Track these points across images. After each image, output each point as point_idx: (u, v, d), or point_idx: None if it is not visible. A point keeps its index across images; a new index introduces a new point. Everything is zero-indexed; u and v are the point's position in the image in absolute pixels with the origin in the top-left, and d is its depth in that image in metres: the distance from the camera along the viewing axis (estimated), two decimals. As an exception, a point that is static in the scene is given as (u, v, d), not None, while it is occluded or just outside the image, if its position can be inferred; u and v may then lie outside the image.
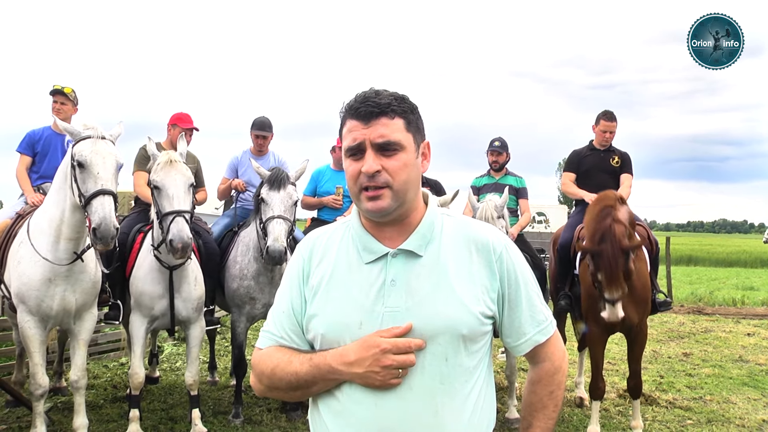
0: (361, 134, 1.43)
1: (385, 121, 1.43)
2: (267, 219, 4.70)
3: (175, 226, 4.00)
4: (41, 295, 4.01)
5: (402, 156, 1.44)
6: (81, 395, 4.28)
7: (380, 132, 1.42)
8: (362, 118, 1.44)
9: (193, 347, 4.72)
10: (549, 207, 23.53)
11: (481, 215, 4.84)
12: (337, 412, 1.45)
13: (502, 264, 1.50)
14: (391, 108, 1.44)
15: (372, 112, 1.43)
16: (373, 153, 1.42)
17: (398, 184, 1.43)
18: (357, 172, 1.43)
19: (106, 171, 3.77)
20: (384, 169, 1.42)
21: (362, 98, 1.46)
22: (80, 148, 3.80)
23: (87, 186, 3.74)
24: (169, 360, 7.20)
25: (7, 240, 4.43)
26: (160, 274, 4.46)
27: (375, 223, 1.51)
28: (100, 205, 3.67)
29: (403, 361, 1.37)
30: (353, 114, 1.45)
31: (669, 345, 8.51)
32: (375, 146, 1.42)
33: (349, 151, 1.46)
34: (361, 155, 1.43)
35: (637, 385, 4.75)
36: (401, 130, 1.45)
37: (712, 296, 13.98)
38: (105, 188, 3.72)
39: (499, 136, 6.07)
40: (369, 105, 1.44)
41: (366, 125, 1.43)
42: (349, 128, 1.46)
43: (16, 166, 5.15)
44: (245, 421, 5.02)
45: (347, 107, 1.48)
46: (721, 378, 6.62)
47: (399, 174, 1.43)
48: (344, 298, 1.46)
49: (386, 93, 1.48)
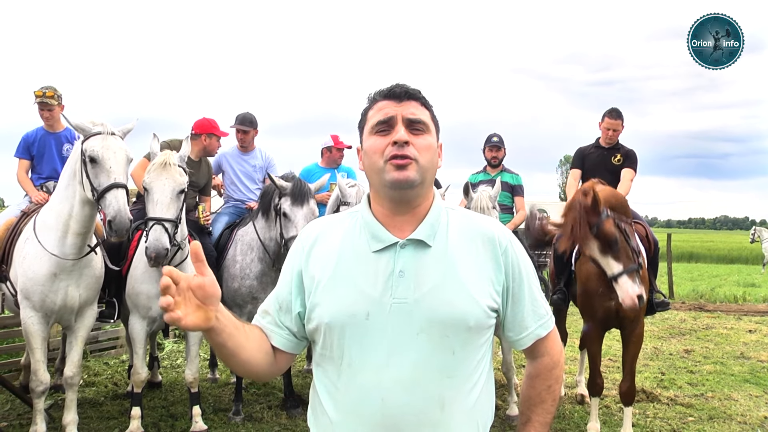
0: (393, 110, 1.48)
1: (416, 105, 1.51)
2: (290, 238, 4.61)
3: (152, 234, 3.97)
4: (46, 290, 4.04)
5: (428, 137, 1.50)
6: (74, 392, 4.29)
7: (412, 110, 1.49)
8: (396, 97, 1.50)
9: (193, 345, 4.72)
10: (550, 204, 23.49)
11: (476, 205, 4.81)
12: (343, 407, 1.44)
13: (507, 258, 1.51)
14: (421, 96, 1.53)
15: (406, 92, 1.51)
16: (404, 127, 1.46)
17: (424, 161, 1.46)
18: (384, 144, 1.46)
19: (118, 165, 3.87)
20: (412, 144, 1.45)
21: (394, 84, 1.53)
22: (92, 144, 3.87)
23: (100, 180, 3.82)
24: (169, 357, 7.20)
25: (12, 237, 4.46)
26: (157, 273, 4.43)
27: (386, 211, 1.50)
28: (114, 198, 3.77)
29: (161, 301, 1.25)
30: (385, 95, 1.51)
31: (670, 342, 8.50)
32: (406, 121, 1.47)
33: (378, 125, 1.48)
34: (390, 130, 1.47)
35: (630, 390, 4.48)
36: (428, 117, 1.52)
37: (714, 293, 13.96)
38: (118, 182, 3.81)
39: (495, 132, 6.06)
40: (403, 88, 1.52)
41: (399, 103, 1.49)
42: (379, 107, 1.51)
43: (17, 171, 5.22)
44: (245, 418, 5.01)
45: (377, 93, 1.54)
46: (722, 375, 6.60)
47: (425, 152, 1.47)
48: (350, 287, 1.45)
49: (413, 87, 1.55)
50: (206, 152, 5.45)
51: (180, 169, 4.19)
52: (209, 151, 5.47)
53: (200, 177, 5.37)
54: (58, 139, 5.25)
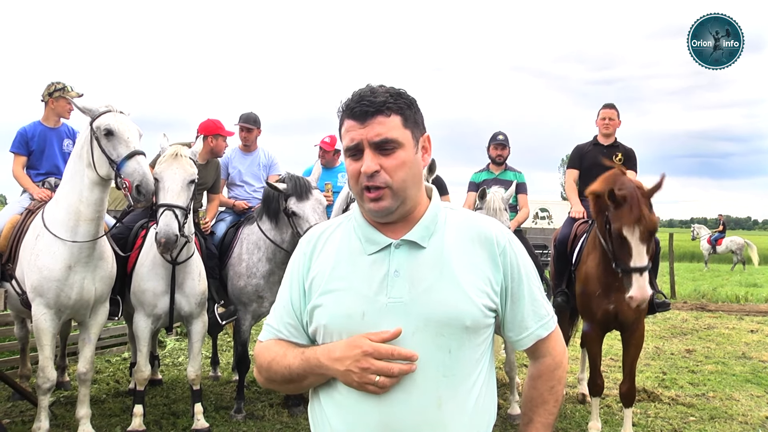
0: (358, 134, 1.43)
1: (381, 120, 1.43)
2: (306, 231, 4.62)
3: (162, 220, 3.99)
4: (61, 286, 4.04)
5: (400, 154, 1.43)
6: (87, 387, 4.33)
7: (377, 131, 1.42)
8: (358, 117, 1.43)
9: (196, 342, 4.73)
10: (552, 203, 23.50)
11: (489, 206, 4.83)
12: (340, 405, 1.45)
13: (506, 257, 1.50)
14: (387, 106, 1.43)
15: (367, 111, 1.43)
16: (371, 152, 1.42)
17: (397, 183, 1.43)
18: (357, 172, 1.44)
19: (134, 137, 3.95)
20: (383, 168, 1.42)
21: (358, 97, 1.45)
22: (105, 120, 3.95)
23: (119, 151, 3.90)
24: (171, 355, 7.22)
25: (18, 236, 4.43)
26: (164, 270, 4.45)
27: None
28: (137, 163, 3.85)
29: (380, 368, 1.35)
30: (349, 114, 1.46)
31: (672, 342, 8.49)
32: (372, 145, 1.42)
33: (347, 152, 1.46)
34: (360, 155, 1.44)
35: (630, 391, 4.46)
36: (398, 127, 1.44)
37: (716, 293, 13.94)
38: (138, 149, 3.90)
39: (501, 131, 6.05)
40: (364, 104, 1.43)
41: (362, 125, 1.43)
42: (346, 128, 1.46)
43: (12, 167, 5.04)
44: (247, 416, 5.02)
45: (344, 107, 1.48)
46: (724, 375, 6.60)
47: (397, 173, 1.43)
48: (346, 289, 1.46)
49: (382, 90, 1.47)
50: (213, 153, 5.45)
51: (190, 161, 4.26)
52: (216, 152, 5.47)
53: (207, 177, 5.38)
54: (59, 135, 5.18)
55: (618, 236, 3.88)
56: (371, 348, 1.36)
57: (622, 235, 3.84)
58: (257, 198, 5.90)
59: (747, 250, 23.14)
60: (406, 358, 1.37)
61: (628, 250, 3.84)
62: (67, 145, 5.15)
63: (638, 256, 3.81)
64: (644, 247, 3.82)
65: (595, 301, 4.43)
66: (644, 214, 3.79)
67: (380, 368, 1.35)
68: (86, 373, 4.31)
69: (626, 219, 3.81)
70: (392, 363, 1.36)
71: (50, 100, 5.04)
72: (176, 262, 4.41)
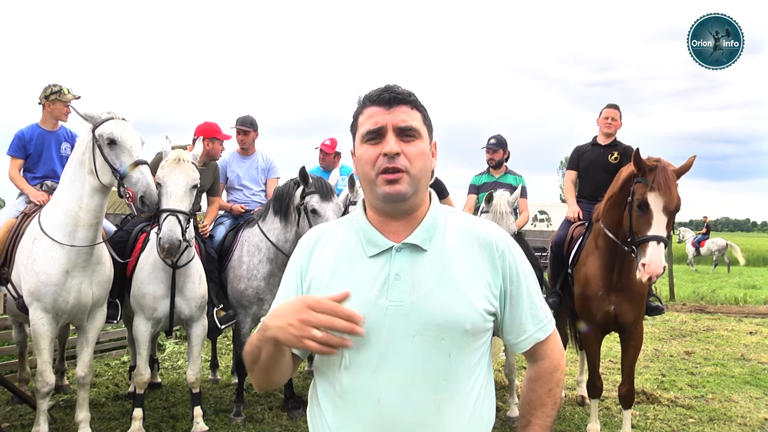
0: (383, 118, 1.46)
1: (406, 109, 1.48)
2: None
3: (166, 225, 4.01)
4: (58, 290, 4.04)
5: (420, 144, 1.47)
6: (86, 390, 4.33)
7: (402, 117, 1.47)
8: (385, 103, 1.47)
9: (195, 345, 4.73)
10: (551, 205, 23.46)
11: (495, 210, 4.84)
12: (339, 407, 1.45)
13: (505, 261, 1.51)
14: (412, 99, 1.50)
15: (395, 98, 1.48)
16: (395, 137, 1.45)
17: (415, 170, 1.45)
18: (376, 155, 1.45)
19: (137, 145, 3.96)
20: (403, 153, 1.44)
21: (383, 88, 1.50)
22: (108, 128, 3.95)
23: (122, 160, 3.91)
24: (170, 358, 7.22)
25: (13, 239, 4.42)
26: (164, 273, 4.46)
27: (381, 217, 1.52)
28: (140, 174, 3.87)
29: (320, 320, 1.27)
30: (375, 101, 1.49)
31: (671, 343, 8.50)
32: (396, 130, 1.45)
33: (368, 135, 1.47)
34: (380, 139, 1.45)
35: (629, 393, 4.46)
36: (419, 120, 1.50)
37: (715, 295, 13.95)
38: (141, 159, 3.91)
39: (497, 134, 6.04)
40: (392, 92, 1.48)
41: (388, 110, 1.47)
42: (368, 114, 1.48)
43: (9, 170, 5.00)
44: (246, 419, 5.03)
45: (366, 97, 1.52)
46: (723, 377, 6.61)
47: (417, 160, 1.46)
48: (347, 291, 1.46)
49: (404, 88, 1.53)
50: (210, 156, 5.47)
51: (192, 165, 4.28)
52: (212, 155, 5.49)
53: (204, 180, 5.39)
54: (57, 138, 5.15)
55: (641, 205, 3.82)
56: (313, 300, 1.31)
57: (646, 202, 3.79)
58: (256, 201, 5.91)
59: (731, 251, 23.56)
60: (350, 317, 1.29)
61: (649, 219, 3.77)
62: (65, 149, 5.13)
63: (658, 226, 3.74)
64: (665, 220, 3.76)
65: (595, 303, 4.43)
66: (671, 186, 3.78)
67: (320, 321, 1.28)
68: (85, 377, 4.31)
69: (653, 186, 3.78)
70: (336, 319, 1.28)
71: (47, 103, 5.01)
72: (176, 266, 4.42)
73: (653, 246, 3.73)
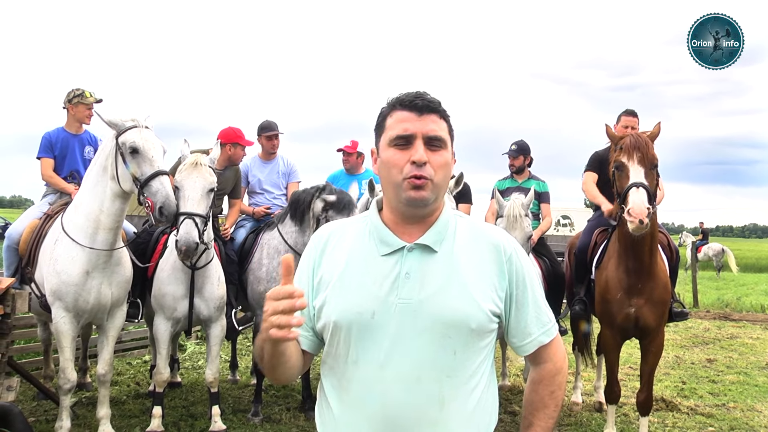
0: (413, 126, 1.50)
1: (435, 119, 1.53)
2: None
3: (183, 228, 4.08)
4: (79, 290, 4.14)
5: (444, 154, 1.53)
6: (106, 388, 4.43)
7: (431, 127, 1.51)
8: (417, 109, 1.51)
9: (214, 345, 4.80)
10: (574, 210, 23.27)
11: (509, 213, 4.84)
12: (346, 403, 1.50)
13: (512, 265, 1.56)
14: (441, 108, 1.55)
15: (427, 106, 1.52)
16: (423, 145, 1.49)
17: (438, 179, 1.50)
18: (404, 161, 1.49)
19: (159, 155, 4.04)
20: (429, 163, 1.48)
21: (415, 94, 1.54)
22: (131, 137, 4.02)
23: (143, 170, 3.98)
24: (191, 359, 7.32)
25: (37, 240, 4.54)
26: (183, 274, 4.54)
27: (397, 219, 1.56)
28: (160, 184, 3.94)
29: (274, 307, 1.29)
30: (407, 105, 1.52)
31: (693, 351, 8.38)
32: (425, 138, 1.50)
33: (397, 140, 1.51)
34: (409, 145, 1.49)
35: (647, 399, 4.46)
36: (445, 130, 1.55)
37: (740, 302, 13.70)
38: (162, 169, 3.98)
39: (520, 140, 6.03)
40: (424, 100, 1.52)
41: (419, 117, 1.51)
42: (399, 118, 1.52)
43: (42, 171, 5.11)
44: (264, 419, 5.08)
45: (397, 100, 1.55)
46: (746, 385, 6.50)
47: (441, 170, 1.51)
48: (358, 287, 1.51)
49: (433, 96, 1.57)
50: (231, 161, 5.54)
51: (210, 169, 4.36)
52: (234, 160, 5.56)
53: (226, 183, 5.47)
54: (81, 142, 5.27)
55: (618, 166, 4.11)
56: (272, 291, 1.32)
57: (620, 162, 4.08)
58: (277, 205, 5.96)
59: (725, 257, 23.68)
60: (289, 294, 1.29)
61: (626, 173, 4.01)
62: (88, 152, 5.25)
63: (635, 175, 3.96)
64: (642, 170, 3.98)
65: (615, 305, 4.41)
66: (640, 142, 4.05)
67: (274, 308, 1.29)
68: (105, 375, 4.40)
69: (622, 147, 4.11)
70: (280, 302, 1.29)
71: (70, 107, 5.14)
72: (195, 267, 4.50)
73: (633, 192, 3.90)
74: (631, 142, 4.08)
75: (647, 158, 4.02)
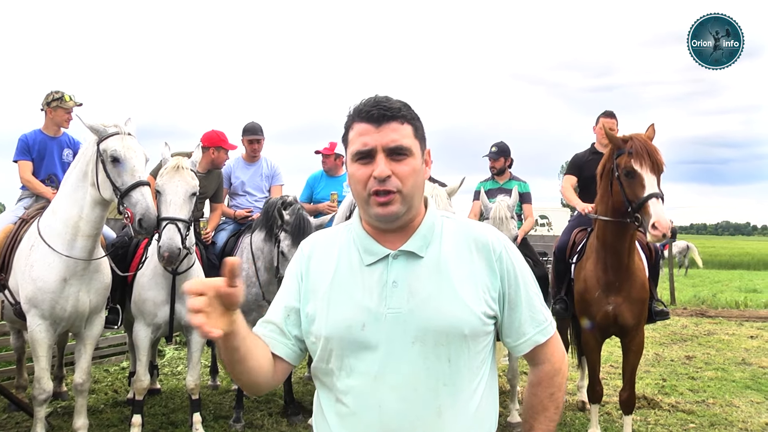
0: (372, 139, 1.43)
1: (395, 126, 1.44)
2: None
3: (165, 234, 3.99)
4: (56, 297, 4.02)
5: (411, 161, 1.45)
6: (84, 397, 4.31)
7: (392, 137, 1.43)
8: (374, 121, 1.44)
9: (195, 351, 4.72)
10: (552, 210, 23.48)
11: (494, 215, 4.83)
12: (342, 415, 1.46)
13: (502, 263, 1.51)
14: (402, 114, 1.46)
15: (384, 115, 1.44)
16: (385, 157, 1.42)
17: (407, 189, 1.44)
18: (366, 176, 1.43)
19: (140, 164, 3.92)
20: (394, 174, 1.42)
21: (373, 102, 1.47)
22: (112, 145, 3.89)
23: (123, 179, 3.86)
24: (170, 364, 7.19)
25: (11, 245, 4.40)
26: (164, 280, 4.45)
27: (376, 229, 1.51)
28: (141, 195, 3.82)
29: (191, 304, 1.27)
30: (364, 117, 1.45)
31: (671, 348, 8.48)
32: (386, 150, 1.43)
33: (358, 155, 1.45)
34: (371, 159, 1.43)
35: (630, 398, 4.48)
36: (410, 136, 1.47)
37: (715, 299, 13.94)
38: (143, 179, 3.87)
39: (500, 141, 6.04)
40: (381, 108, 1.44)
41: (377, 128, 1.44)
42: (359, 132, 1.45)
43: (21, 175, 4.97)
44: (246, 425, 5.00)
45: (356, 111, 1.48)
46: (723, 381, 6.59)
47: (408, 179, 1.44)
48: (347, 300, 1.46)
49: (395, 99, 1.49)
50: (214, 165, 5.47)
51: (192, 173, 4.27)
52: (217, 164, 5.50)
53: (208, 187, 5.40)
54: (59, 144, 5.14)
55: (628, 173, 3.97)
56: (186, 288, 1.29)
57: (632, 168, 3.94)
58: (258, 208, 5.90)
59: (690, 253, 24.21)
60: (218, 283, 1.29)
61: (641, 181, 3.89)
62: (66, 155, 5.12)
63: (651, 185, 3.85)
64: (655, 179, 3.90)
65: (593, 304, 4.42)
66: (649, 149, 3.95)
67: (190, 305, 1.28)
68: (83, 384, 4.29)
69: (632, 153, 3.95)
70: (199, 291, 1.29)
71: (48, 110, 5.00)
72: (177, 272, 4.41)
73: (654, 203, 3.81)
74: (642, 148, 3.95)
75: (658, 165, 3.94)
